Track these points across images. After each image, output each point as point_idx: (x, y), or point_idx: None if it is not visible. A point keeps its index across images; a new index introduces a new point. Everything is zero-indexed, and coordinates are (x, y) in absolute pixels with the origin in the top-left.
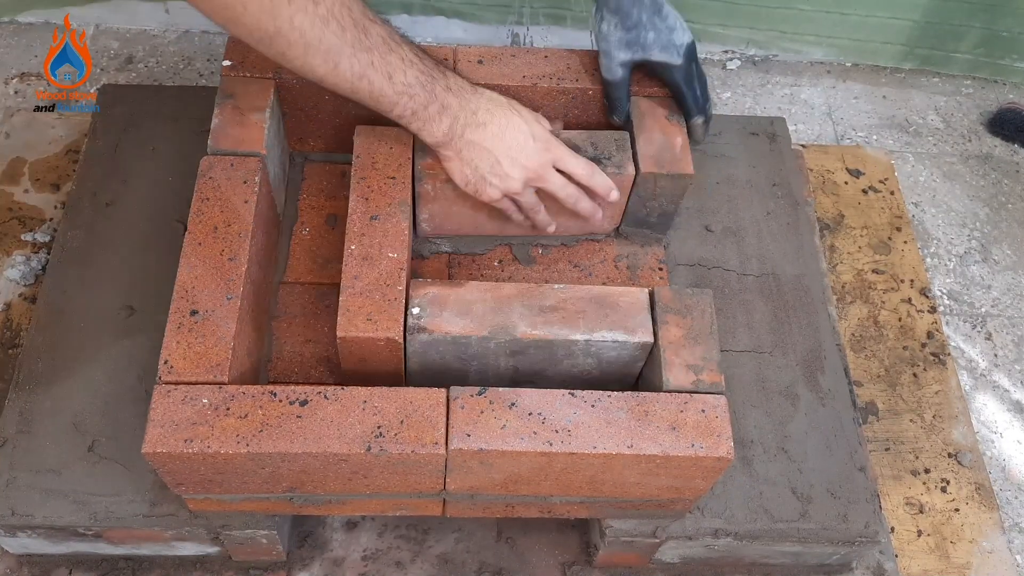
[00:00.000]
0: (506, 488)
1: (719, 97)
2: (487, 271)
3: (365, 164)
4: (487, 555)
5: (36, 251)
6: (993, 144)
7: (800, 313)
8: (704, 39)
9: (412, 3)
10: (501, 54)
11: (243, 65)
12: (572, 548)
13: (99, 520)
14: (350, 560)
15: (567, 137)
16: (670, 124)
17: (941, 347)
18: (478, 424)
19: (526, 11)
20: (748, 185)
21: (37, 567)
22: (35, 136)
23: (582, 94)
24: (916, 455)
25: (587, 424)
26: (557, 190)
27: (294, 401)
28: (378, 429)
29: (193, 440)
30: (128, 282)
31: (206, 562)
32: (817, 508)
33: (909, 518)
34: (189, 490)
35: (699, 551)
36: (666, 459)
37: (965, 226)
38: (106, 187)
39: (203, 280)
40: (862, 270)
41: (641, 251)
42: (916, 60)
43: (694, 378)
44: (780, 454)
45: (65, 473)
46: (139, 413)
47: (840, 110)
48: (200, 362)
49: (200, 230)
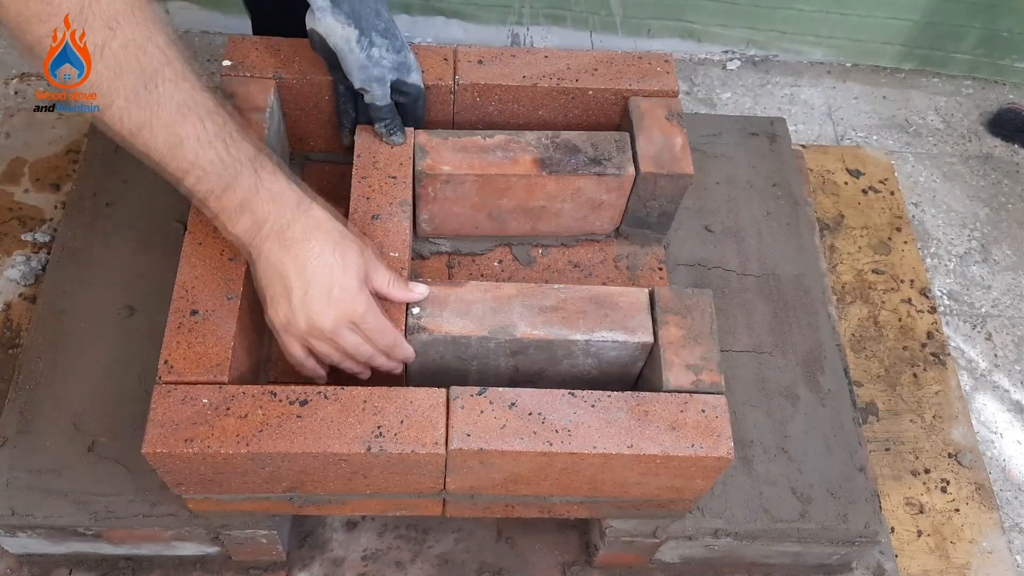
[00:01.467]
0: (506, 488)
1: (719, 97)
2: (487, 271)
3: (366, 164)
4: (487, 555)
5: (36, 251)
6: (993, 144)
7: (800, 313)
8: (704, 39)
9: (412, 3)
10: (501, 54)
11: (243, 65)
12: (572, 548)
13: (99, 520)
14: (350, 560)
15: (567, 138)
16: (670, 124)
17: (941, 347)
18: (478, 424)
19: (526, 11)
20: (748, 185)
21: (37, 567)
22: (35, 136)
23: (582, 94)
24: (916, 455)
25: (587, 424)
26: (347, 347)
27: (294, 401)
28: (378, 429)
29: (193, 440)
30: (128, 282)
31: (206, 562)
32: (817, 508)
33: (909, 518)
34: (189, 490)
35: (699, 551)
36: (666, 459)
37: (965, 226)
38: (106, 187)
39: (203, 280)
40: (862, 270)
41: (641, 251)
42: (916, 60)
43: (694, 378)
44: (780, 454)
45: (65, 473)
46: (139, 413)
47: (840, 110)
48: (200, 362)
49: (200, 230)
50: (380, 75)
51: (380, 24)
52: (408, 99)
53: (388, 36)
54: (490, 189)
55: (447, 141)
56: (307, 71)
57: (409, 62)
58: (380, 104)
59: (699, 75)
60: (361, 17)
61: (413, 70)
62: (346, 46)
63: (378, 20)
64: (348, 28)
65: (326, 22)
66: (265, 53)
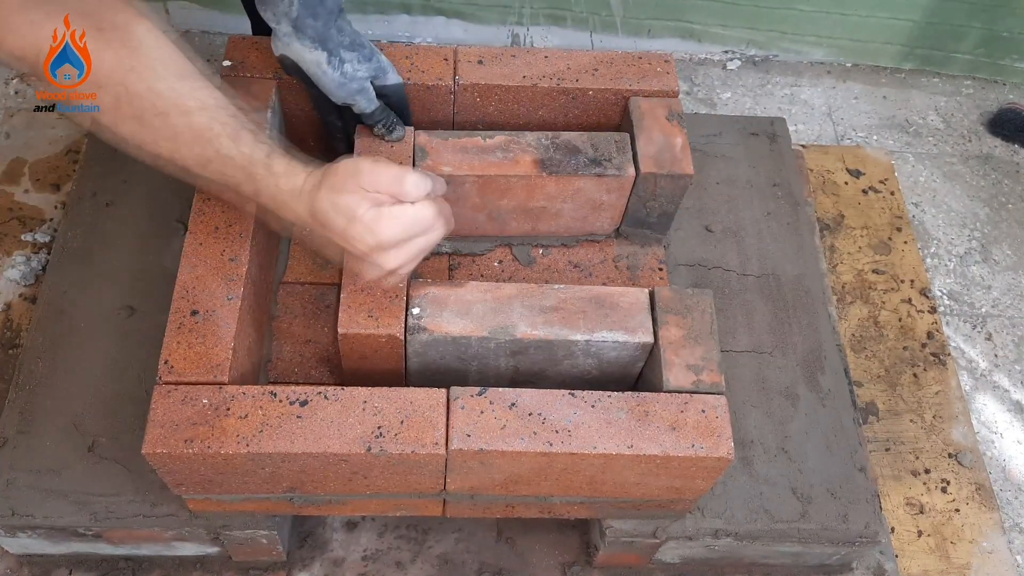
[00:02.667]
0: (506, 488)
1: (719, 97)
2: (487, 271)
3: None
4: (487, 555)
5: (36, 251)
6: (993, 144)
7: (800, 313)
8: (704, 39)
9: (412, 3)
10: (501, 54)
11: (243, 66)
12: (572, 548)
13: (99, 520)
14: (350, 560)
15: (567, 139)
16: (670, 124)
17: (941, 347)
18: (478, 424)
19: (526, 11)
20: (748, 185)
21: (37, 567)
22: (35, 136)
23: (582, 94)
24: (916, 455)
25: (587, 424)
26: (399, 220)
27: (294, 401)
28: (378, 429)
29: (193, 440)
30: (128, 282)
31: (206, 562)
32: (817, 508)
33: (909, 518)
34: (189, 490)
35: (699, 551)
36: (666, 459)
37: (965, 226)
38: (106, 187)
39: (204, 280)
40: (862, 270)
41: (641, 251)
42: (916, 60)
43: (694, 378)
44: (780, 454)
45: (65, 473)
46: (139, 413)
47: (840, 110)
48: (200, 362)
49: (201, 230)
50: (360, 87)
51: (345, 39)
52: (391, 99)
53: (355, 48)
54: (490, 190)
55: (447, 142)
56: None
57: (383, 64)
58: (369, 110)
59: (699, 75)
60: (326, 39)
61: (388, 71)
62: (318, 69)
63: (342, 36)
64: (316, 52)
65: (293, 47)
66: (265, 53)
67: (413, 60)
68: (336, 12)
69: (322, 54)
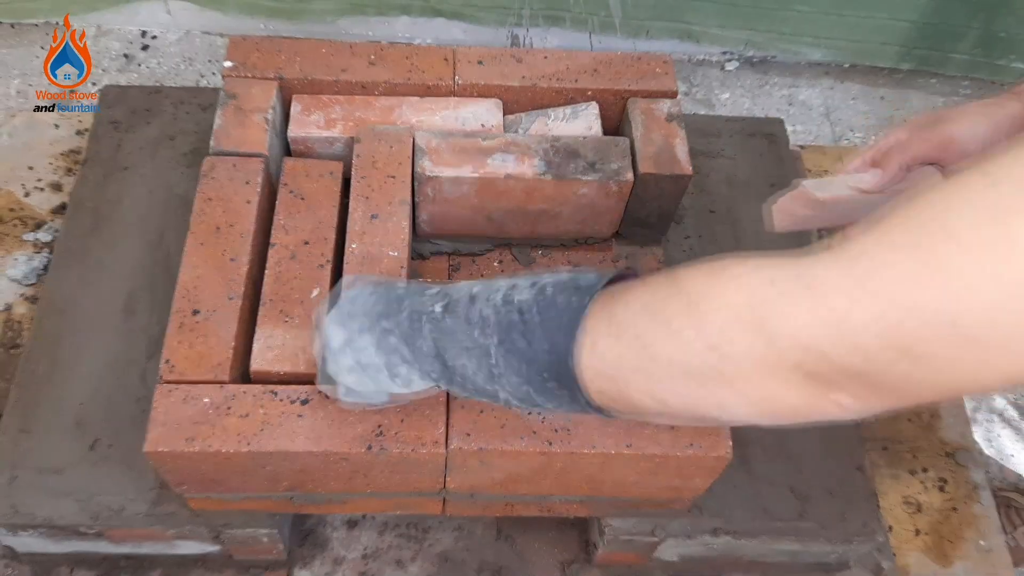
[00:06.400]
0: (506, 487)
1: (718, 98)
2: (487, 271)
3: (366, 163)
4: (487, 553)
5: (38, 251)
6: None
7: None
8: (703, 40)
9: (412, 5)
10: (501, 55)
11: (245, 66)
12: (571, 547)
13: (100, 519)
14: (350, 558)
15: (566, 142)
16: (669, 125)
17: None
18: (478, 423)
19: (525, 12)
20: (746, 186)
21: (38, 566)
22: (36, 136)
23: (581, 95)
24: (914, 454)
25: (586, 423)
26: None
27: (295, 400)
28: (379, 428)
29: (195, 439)
30: (129, 282)
31: (207, 561)
32: (815, 507)
33: (907, 517)
34: (190, 489)
35: (698, 550)
36: (665, 459)
37: None
38: (106, 187)
39: (205, 280)
40: None
41: (641, 251)
42: (914, 61)
43: None
44: (779, 453)
45: (67, 472)
46: (141, 412)
47: (838, 111)
48: (202, 362)
49: (202, 230)
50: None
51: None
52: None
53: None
54: (489, 192)
55: (447, 142)
56: (309, 71)
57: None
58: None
59: (698, 76)
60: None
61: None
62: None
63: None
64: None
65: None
66: (267, 54)
67: (413, 60)
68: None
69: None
